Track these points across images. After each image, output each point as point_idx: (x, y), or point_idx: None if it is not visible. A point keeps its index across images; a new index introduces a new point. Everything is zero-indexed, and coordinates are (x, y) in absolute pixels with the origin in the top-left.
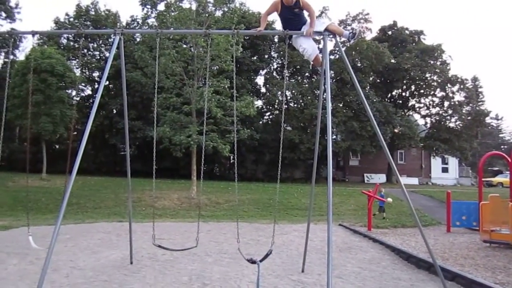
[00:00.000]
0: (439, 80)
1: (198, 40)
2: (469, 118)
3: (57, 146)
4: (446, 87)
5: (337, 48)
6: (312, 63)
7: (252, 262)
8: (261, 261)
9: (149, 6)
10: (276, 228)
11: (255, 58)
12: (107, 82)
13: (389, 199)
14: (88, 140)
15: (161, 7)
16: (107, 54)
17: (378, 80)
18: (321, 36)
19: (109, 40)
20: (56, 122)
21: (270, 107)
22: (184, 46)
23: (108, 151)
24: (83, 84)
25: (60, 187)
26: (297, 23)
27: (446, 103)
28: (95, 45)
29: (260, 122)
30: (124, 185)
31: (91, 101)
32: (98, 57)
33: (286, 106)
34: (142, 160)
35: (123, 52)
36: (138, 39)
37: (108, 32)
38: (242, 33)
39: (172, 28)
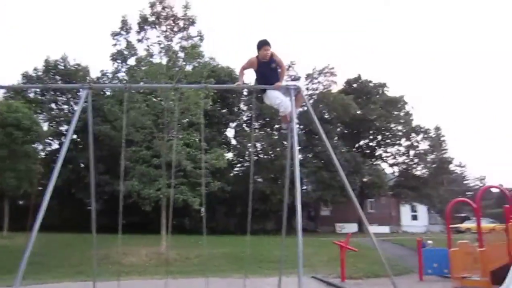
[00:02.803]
0: (404, 130)
1: (168, 93)
2: (434, 166)
3: (20, 202)
4: (411, 136)
5: (304, 103)
6: (281, 119)
7: None
8: None
9: (119, 61)
10: (248, 283)
11: (225, 111)
12: (75, 136)
13: (430, 241)
14: (53, 195)
15: (131, 61)
16: (76, 108)
17: (345, 131)
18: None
19: (79, 93)
20: (21, 177)
21: (241, 159)
22: (155, 99)
23: (75, 206)
24: (50, 138)
25: (22, 245)
26: (274, 79)
27: (411, 152)
28: (65, 99)
29: (231, 174)
30: (91, 241)
31: (58, 155)
32: (67, 111)
33: (256, 158)
34: (110, 215)
35: (91, 106)
36: (108, 93)
37: (76, 87)
38: (211, 87)
39: (142, 83)
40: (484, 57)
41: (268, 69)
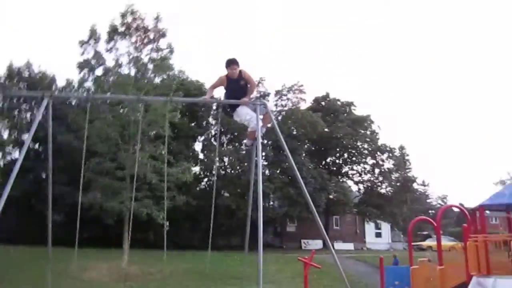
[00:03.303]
0: (370, 149)
1: (135, 105)
2: (398, 184)
3: None
4: (376, 155)
5: (270, 122)
6: (248, 135)
7: None
8: None
9: (86, 70)
10: None
11: (193, 124)
12: (37, 146)
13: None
14: (10, 207)
15: (99, 71)
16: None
17: (313, 148)
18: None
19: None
20: None
21: (208, 173)
22: (121, 111)
23: (34, 218)
24: (10, 147)
25: None
26: (243, 96)
27: (376, 170)
28: (27, 107)
29: (197, 189)
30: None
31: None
32: (29, 119)
33: (223, 173)
34: (71, 228)
35: (51, 115)
36: (73, 102)
37: (36, 95)
38: (176, 100)
39: (109, 93)
40: (447, 76)
41: (237, 86)
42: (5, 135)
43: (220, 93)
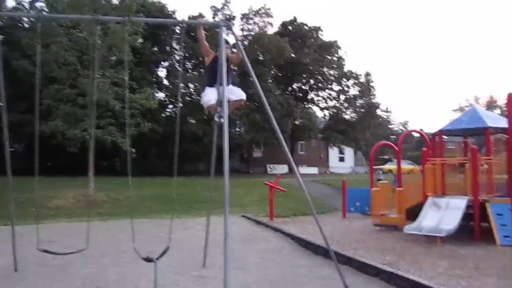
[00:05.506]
0: (336, 75)
1: (93, 28)
2: (362, 110)
3: None
4: (342, 81)
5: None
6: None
7: (149, 260)
8: (157, 258)
9: None
10: (178, 223)
11: (156, 49)
12: None
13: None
14: None
15: None
16: None
17: (279, 74)
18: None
19: None
20: None
21: (173, 100)
22: (79, 34)
23: None
24: None
25: None
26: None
27: (342, 97)
28: None
29: (163, 115)
30: (12, 184)
31: None
32: None
33: (189, 99)
34: (33, 157)
35: (2, 38)
36: (27, 25)
37: None
38: (134, 20)
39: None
40: (413, 4)
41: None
42: None
43: (184, 14)
